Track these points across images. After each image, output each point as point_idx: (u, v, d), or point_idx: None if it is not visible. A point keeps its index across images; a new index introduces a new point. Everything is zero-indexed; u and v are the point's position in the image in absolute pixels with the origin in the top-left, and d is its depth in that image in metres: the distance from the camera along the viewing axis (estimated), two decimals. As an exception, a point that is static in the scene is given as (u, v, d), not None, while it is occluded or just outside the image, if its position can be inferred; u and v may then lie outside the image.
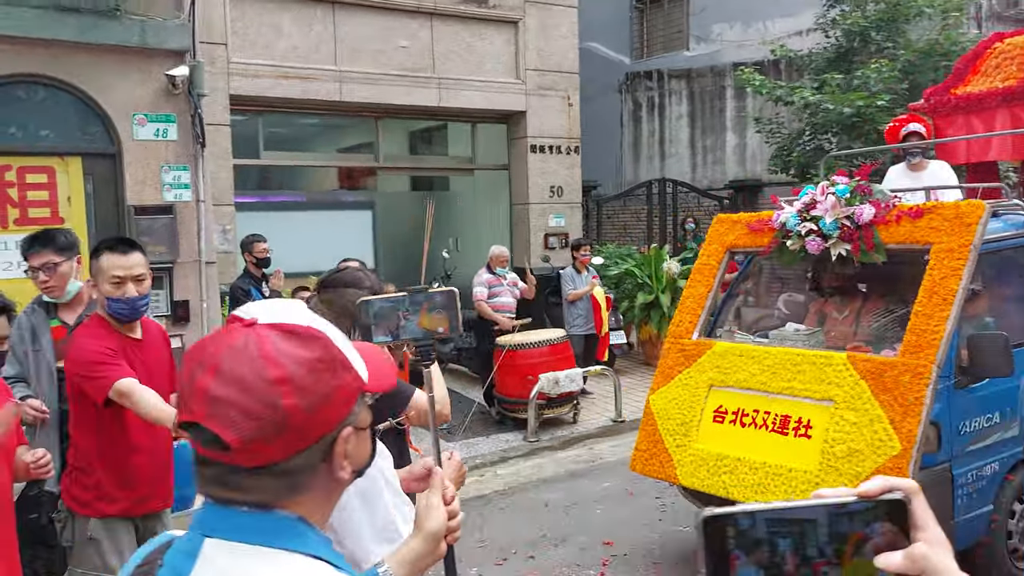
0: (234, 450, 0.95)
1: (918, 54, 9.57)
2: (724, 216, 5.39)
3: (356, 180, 12.23)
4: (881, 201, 4.40)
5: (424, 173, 12.63)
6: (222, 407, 0.95)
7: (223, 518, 0.99)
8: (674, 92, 15.12)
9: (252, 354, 0.97)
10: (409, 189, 13.08)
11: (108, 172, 6.06)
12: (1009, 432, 4.28)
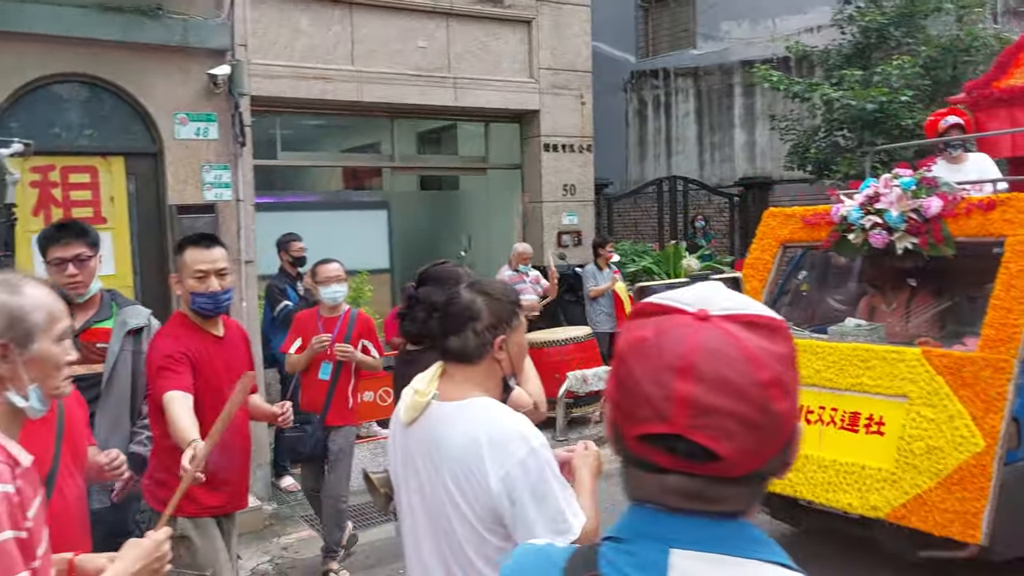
0: (724, 461, 0.88)
1: (939, 50, 9.60)
2: (776, 210, 5.38)
3: (371, 180, 12.17)
4: (948, 193, 4.40)
5: (437, 173, 12.58)
6: (714, 416, 0.87)
7: (688, 528, 0.93)
8: (681, 90, 15.13)
9: (733, 355, 0.89)
10: (422, 189, 13.02)
11: (150, 172, 5.98)
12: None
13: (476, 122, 11.88)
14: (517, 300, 2.17)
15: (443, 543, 1.97)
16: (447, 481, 1.93)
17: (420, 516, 2.04)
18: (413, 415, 2.04)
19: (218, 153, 6.08)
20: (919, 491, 3.91)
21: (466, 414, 1.96)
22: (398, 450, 2.13)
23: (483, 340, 2.04)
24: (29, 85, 5.57)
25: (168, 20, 5.78)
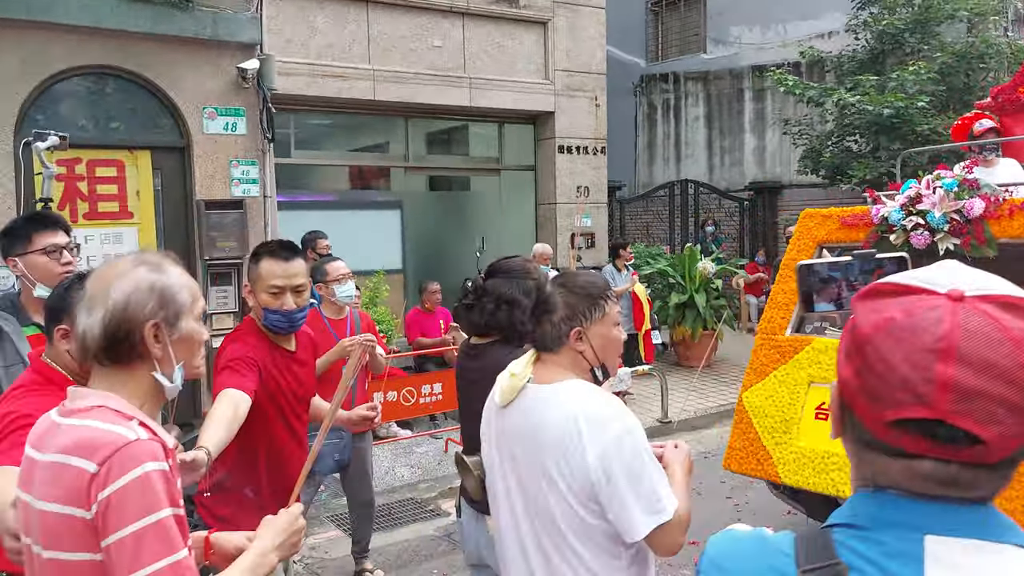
0: (985, 446, 0.86)
1: (953, 56, 9.63)
2: (813, 211, 5.37)
3: (384, 180, 12.14)
4: (990, 195, 4.40)
5: (451, 173, 12.56)
6: (979, 401, 0.85)
7: (941, 515, 0.91)
8: (690, 94, 15.15)
9: (995, 336, 0.86)
10: (435, 189, 13.01)
11: (177, 166, 5.96)
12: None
13: (490, 123, 11.88)
14: (601, 294, 2.16)
15: (537, 521, 2.01)
16: (545, 459, 1.97)
17: (516, 495, 2.08)
18: (509, 397, 2.10)
19: (246, 148, 6.07)
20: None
21: (562, 394, 2.01)
22: (493, 432, 2.19)
23: (559, 332, 2.10)
24: (56, 77, 5.55)
25: (198, 12, 5.77)
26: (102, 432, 1.52)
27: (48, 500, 1.52)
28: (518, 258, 3.03)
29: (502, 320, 2.82)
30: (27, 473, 1.60)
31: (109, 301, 1.60)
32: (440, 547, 5.59)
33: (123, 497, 1.46)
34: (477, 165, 12.49)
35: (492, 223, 12.63)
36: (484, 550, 2.88)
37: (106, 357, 1.61)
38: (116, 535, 1.46)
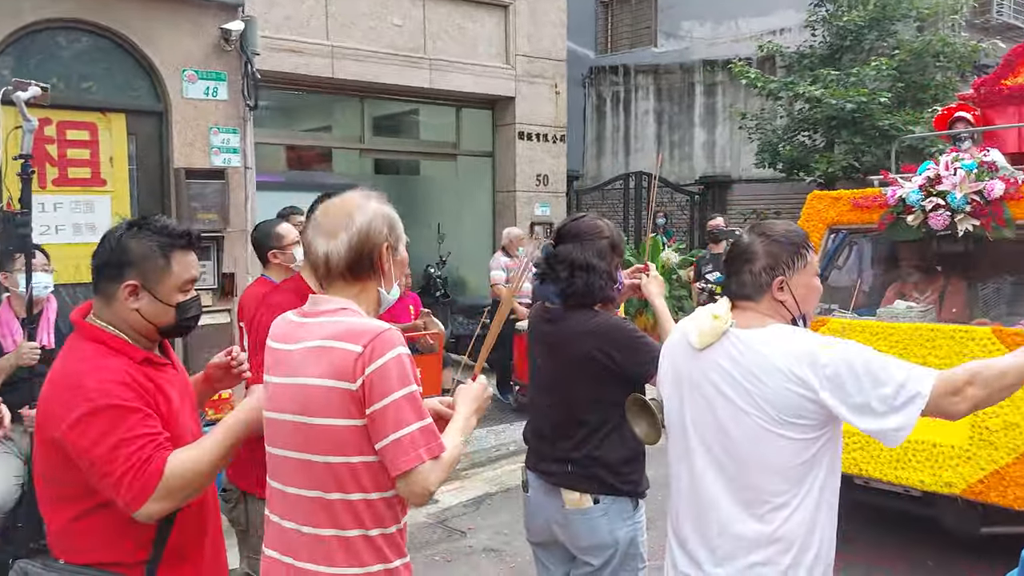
0: None
1: (911, 54, 9.88)
2: (822, 193, 5.37)
3: (337, 161, 11.77)
4: (1010, 177, 4.45)
5: (407, 157, 12.28)
6: None
7: None
8: (641, 87, 15.20)
9: None
10: (388, 172, 12.69)
11: (153, 132, 5.57)
12: None
13: (448, 106, 11.64)
14: (803, 243, 2.13)
15: (738, 458, 2.03)
16: (759, 401, 1.98)
17: (708, 435, 2.09)
18: (710, 340, 2.08)
19: (227, 116, 5.73)
20: (996, 467, 3.93)
21: (773, 340, 2.01)
22: (684, 374, 2.17)
23: (759, 281, 2.09)
24: (25, 29, 5.11)
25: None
26: (361, 323, 1.87)
27: (314, 376, 1.84)
28: (586, 217, 2.88)
29: (579, 287, 2.68)
30: (278, 363, 1.94)
31: (353, 227, 1.92)
32: (435, 534, 5.40)
33: (384, 373, 1.80)
34: (434, 149, 12.23)
35: (448, 209, 12.39)
36: (557, 526, 2.75)
37: (349, 272, 1.93)
38: (381, 403, 1.80)
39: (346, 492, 1.84)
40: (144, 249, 1.98)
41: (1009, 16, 12.76)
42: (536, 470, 2.82)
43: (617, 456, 2.66)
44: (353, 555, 1.85)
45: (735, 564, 2.03)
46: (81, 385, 1.85)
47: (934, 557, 4.67)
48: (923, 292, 5.28)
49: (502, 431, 7.72)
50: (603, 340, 2.63)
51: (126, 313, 1.98)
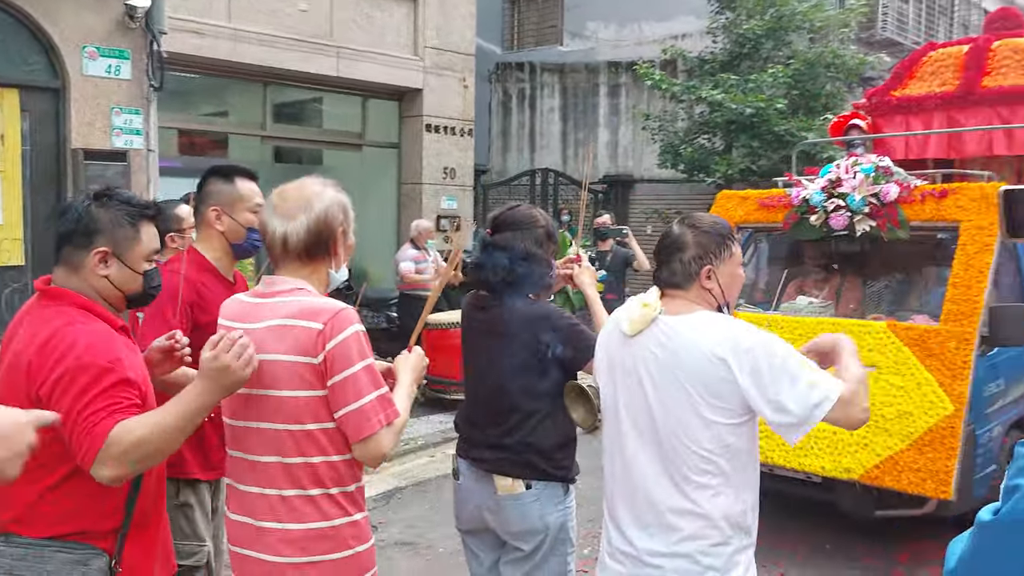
0: None
1: (805, 64, 10.35)
2: (730, 192, 5.57)
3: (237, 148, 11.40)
4: (903, 181, 4.73)
5: (311, 146, 12.00)
6: None
7: None
8: (546, 85, 15.37)
9: None
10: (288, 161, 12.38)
11: (49, 109, 5.26)
12: (1009, 397, 4.75)
13: (355, 96, 11.47)
14: (729, 234, 2.24)
15: (668, 440, 2.12)
16: (686, 384, 2.08)
17: (640, 419, 2.18)
18: (640, 327, 2.17)
19: (130, 96, 5.49)
20: (891, 452, 4.18)
21: (699, 325, 2.12)
22: (617, 360, 2.26)
23: (689, 270, 2.18)
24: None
25: (83, -62, 5.13)
26: (319, 302, 2.03)
27: (278, 352, 1.99)
28: (521, 207, 2.91)
29: (519, 275, 2.70)
30: None
31: (313, 212, 2.07)
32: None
33: (344, 348, 1.96)
34: (338, 139, 12.02)
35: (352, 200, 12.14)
36: (489, 512, 2.77)
37: (305, 254, 2.07)
38: (341, 375, 1.96)
39: (307, 456, 2.00)
40: (113, 217, 2.03)
41: (892, 32, 13.54)
42: (468, 457, 2.82)
43: (550, 442, 2.69)
44: (317, 511, 2.02)
45: (666, 539, 2.13)
46: (74, 344, 1.88)
47: (832, 540, 4.93)
48: (822, 289, 5.55)
49: (410, 425, 7.67)
50: (539, 327, 2.65)
51: (95, 280, 2.02)
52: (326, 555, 2.03)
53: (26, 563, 1.85)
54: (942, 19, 15.45)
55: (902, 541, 4.87)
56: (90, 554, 1.91)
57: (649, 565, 2.15)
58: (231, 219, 2.85)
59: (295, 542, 2.01)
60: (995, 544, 1.07)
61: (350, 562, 2.07)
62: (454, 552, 4.90)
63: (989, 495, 4.62)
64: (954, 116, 6.43)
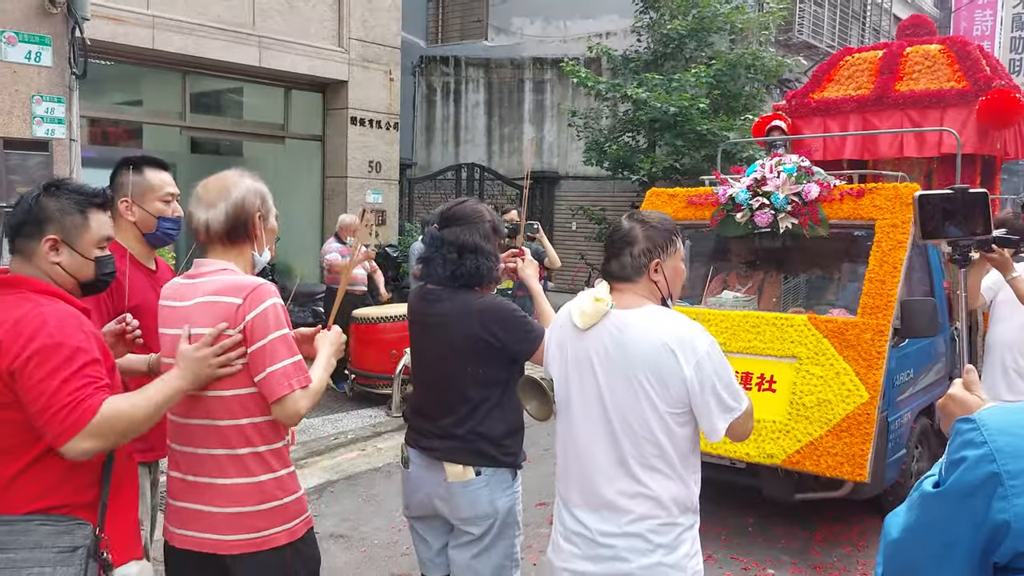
0: None
1: (727, 64, 10.66)
2: (660, 190, 5.72)
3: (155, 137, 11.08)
4: (823, 181, 4.96)
5: (232, 137, 11.74)
6: None
7: None
8: (471, 80, 15.40)
9: None
10: (211, 152, 12.09)
11: (-36, 95, 5.05)
12: (918, 386, 5.04)
13: (277, 87, 11.27)
14: (674, 229, 2.36)
15: (619, 427, 2.23)
16: (637, 374, 2.19)
17: (593, 408, 2.28)
18: (592, 321, 2.26)
19: (51, 83, 5.29)
20: (811, 438, 4.39)
21: (649, 318, 2.23)
22: (569, 353, 2.35)
23: (638, 263, 2.28)
24: None
25: (0, -83, 4.93)
26: (239, 279, 2.24)
27: (204, 325, 2.19)
28: (468, 202, 2.97)
29: (469, 268, 2.77)
30: (168, 317, 2.32)
31: (230, 199, 2.28)
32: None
33: (262, 318, 2.18)
34: (260, 130, 11.80)
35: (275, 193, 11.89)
36: (439, 499, 2.83)
37: (227, 238, 2.29)
38: (259, 343, 2.17)
39: (236, 418, 2.22)
40: (62, 206, 2.09)
41: (808, 36, 14.05)
42: (418, 446, 2.87)
43: (498, 430, 2.77)
44: (244, 469, 2.23)
45: (618, 521, 2.24)
46: (44, 323, 1.93)
47: (755, 522, 5.15)
48: (746, 284, 5.77)
49: (339, 420, 7.64)
50: (488, 319, 2.72)
51: (47, 267, 2.07)
52: (255, 506, 2.24)
53: (12, 537, 1.89)
54: (855, 24, 16.11)
55: (818, 523, 5.12)
56: (73, 524, 1.96)
57: (603, 545, 2.25)
58: (141, 209, 2.90)
59: (227, 495, 2.23)
60: (942, 512, 1.17)
61: (277, 511, 2.27)
62: (388, 544, 4.93)
63: (900, 478, 4.92)
64: (869, 119, 6.76)
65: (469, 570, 2.83)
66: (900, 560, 1.26)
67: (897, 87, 6.57)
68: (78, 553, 1.91)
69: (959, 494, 1.14)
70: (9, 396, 1.94)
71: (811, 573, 4.53)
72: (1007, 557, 1.11)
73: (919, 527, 1.22)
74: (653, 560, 2.21)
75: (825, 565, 4.62)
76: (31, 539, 1.89)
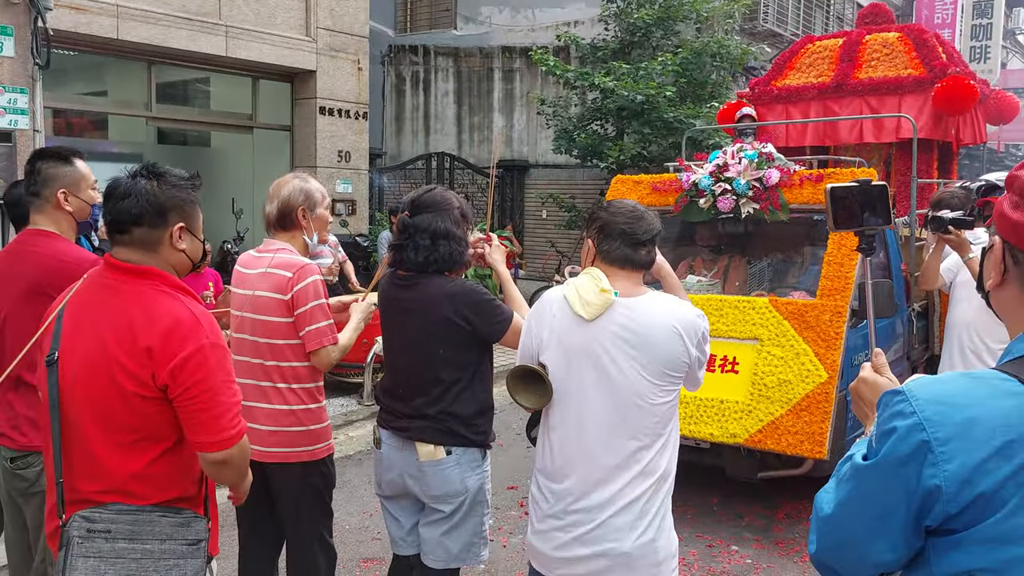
0: None
1: (693, 53, 10.75)
2: (625, 177, 5.80)
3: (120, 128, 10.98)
4: (784, 167, 5.07)
5: (199, 128, 11.66)
6: None
7: None
8: (440, 69, 15.38)
9: None
10: (178, 142, 12.01)
11: (-77, 86, 5.00)
12: (876, 364, 5.18)
13: (245, 77, 11.20)
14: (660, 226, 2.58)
15: (625, 403, 2.34)
16: (649, 357, 2.33)
17: (598, 389, 2.37)
18: (599, 312, 2.35)
19: (14, 74, 5.25)
20: (772, 418, 4.51)
21: (655, 305, 2.39)
22: (570, 343, 2.42)
23: (652, 254, 2.49)
24: None
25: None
26: (292, 258, 2.99)
27: (263, 290, 2.96)
28: (436, 189, 3.02)
29: (443, 254, 2.83)
30: (239, 280, 3.07)
31: (280, 196, 3.04)
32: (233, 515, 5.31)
33: (305, 290, 2.93)
34: (228, 121, 11.72)
35: (243, 184, 11.92)
36: (410, 478, 2.91)
37: (279, 225, 3.06)
38: (302, 308, 2.92)
39: (279, 360, 2.97)
40: (180, 193, 2.18)
41: (773, 24, 14.21)
42: (390, 427, 2.93)
43: (469, 410, 2.85)
44: (282, 398, 2.99)
45: (614, 493, 2.37)
46: (198, 324, 2.04)
47: (719, 501, 5.27)
48: (711, 268, 5.88)
49: (311, 408, 7.66)
50: (459, 303, 2.79)
51: (171, 254, 2.15)
52: (289, 427, 2.99)
53: (141, 527, 1.97)
54: (819, 12, 16.30)
55: (780, 501, 5.26)
56: (190, 517, 2.06)
57: (599, 516, 2.38)
58: (77, 199, 2.94)
59: (269, 417, 2.97)
60: (876, 483, 1.22)
61: (304, 435, 3.01)
62: (359, 529, 4.99)
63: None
64: (829, 106, 6.90)
65: (440, 547, 2.91)
66: (835, 535, 1.29)
67: (857, 75, 6.70)
68: (201, 546, 2.02)
69: (892, 464, 1.19)
70: (156, 392, 1.99)
71: (774, 549, 4.66)
72: (938, 520, 1.17)
73: (853, 500, 1.26)
74: (647, 539, 2.36)
75: (787, 541, 4.75)
76: (159, 530, 1.98)
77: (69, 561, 1.90)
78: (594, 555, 2.37)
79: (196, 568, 1.99)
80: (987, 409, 1.16)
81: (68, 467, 2.03)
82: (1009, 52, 26.04)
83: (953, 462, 1.14)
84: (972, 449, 1.14)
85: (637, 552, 2.35)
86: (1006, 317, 1.30)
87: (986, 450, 1.13)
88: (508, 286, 3.10)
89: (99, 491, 2.01)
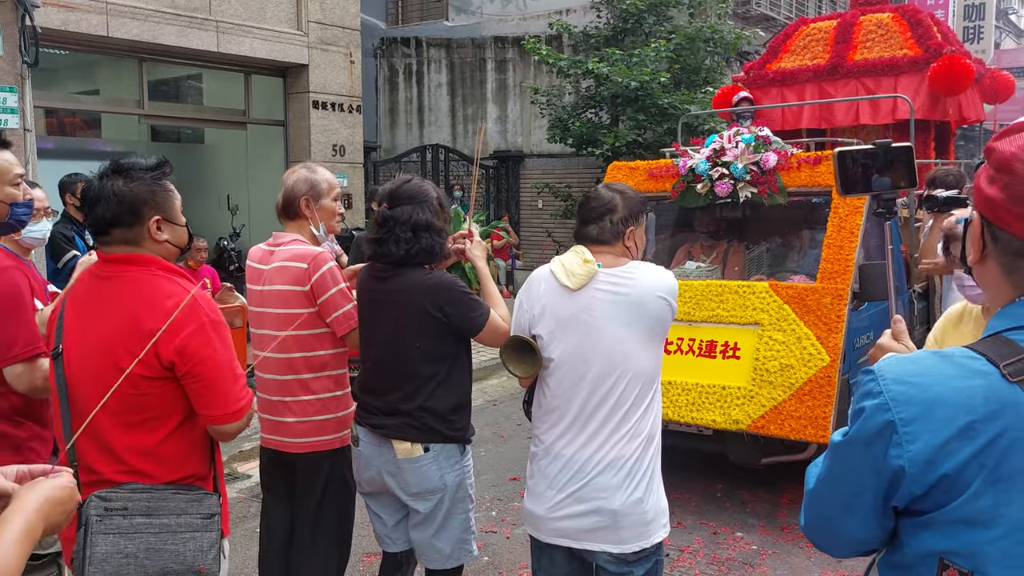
0: None
1: (686, 39, 10.70)
2: (621, 163, 5.76)
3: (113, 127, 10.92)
4: (781, 150, 5.03)
5: (192, 124, 11.60)
6: None
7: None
8: (433, 60, 15.31)
9: None
10: (171, 140, 11.95)
11: (-90, 86, 4.94)
12: (877, 347, 5.15)
13: (236, 72, 11.13)
14: (644, 201, 2.61)
15: (615, 367, 2.42)
16: (638, 319, 2.42)
17: (591, 354, 2.45)
18: (583, 282, 2.45)
19: (2, 72, 5.20)
20: (775, 403, 4.48)
21: (638, 272, 2.46)
22: (559, 312, 2.51)
23: (617, 229, 2.50)
24: None
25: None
26: (305, 249, 2.99)
27: (282, 283, 2.99)
28: (413, 180, 2.97)
29: (424, 246, 2.78)
30: (254, 276, 3.10)
31: (285, 186, 3.08)
32: (251, 508, 5.28)
33: (323, 279, 2.94)
34: (221, 117, 11.65)
35: (238, 180, 11.88)
36: (388, 475, 2.86)
37: (284, 214, 3.10)
38: (324, 296, 2.95)
39: (305, 351, 3.00)
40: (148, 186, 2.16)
41: (766, 8, 14.14)
42: (367, 424, 2.87)
43: (446, 405, 2.79)
44: (307, 389, 3.01)
45: (607, 454, 2.45)
46: (195, 302, 2.07)
47: (723, 488, 5.26)
48: (709, 254, 5.85)
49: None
50: (437, 296, 2.73)
51: (154, 246, 2.16)
52: (315, 416, 3.03)
53: (157, 503, 2.03)
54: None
55: (784, 486, 5.24)
56: (201, 494, 2.11)
57: (590, 475, 2.45)
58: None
59: (297, 407, 3.01)
60: (847, 460, 1.21)
61: (334, 422, 3.07)
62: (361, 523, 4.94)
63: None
64: (825, 88, 6.86)
65: (431, 549, 2.88)
66: (817, 510, 1.31)
67: (852, 56, 6.66)
68: (215, 520, 2.08)
69: (861, 443, 1.17)
70: (164, 372, 2.04)
71: (779, 535, 4.64)
72: (905, 501, 1.15)
73: (830, 477, 1.26)
74: (635, 498, 2.43)
75: (792, 526, 4.73)
76: (174, 505, 2.04)
77: (89, 539, 1.94)
78: (585, 512, 2.45)
79: (212, 540, 2.05)
80: (951, 389, 1.12)
81: (81, 452, 2.08)
82: (1002, 32, 25.96)
83: (916, 443, 1.12)
84: (936, 429, 1.11)
85: (625, 510, 2.42)
86: (987, 292, 1.27)
87: (949, 431, 1.10)
88: (486, 282, 3.03)
89: (114, 472, 2.07)
